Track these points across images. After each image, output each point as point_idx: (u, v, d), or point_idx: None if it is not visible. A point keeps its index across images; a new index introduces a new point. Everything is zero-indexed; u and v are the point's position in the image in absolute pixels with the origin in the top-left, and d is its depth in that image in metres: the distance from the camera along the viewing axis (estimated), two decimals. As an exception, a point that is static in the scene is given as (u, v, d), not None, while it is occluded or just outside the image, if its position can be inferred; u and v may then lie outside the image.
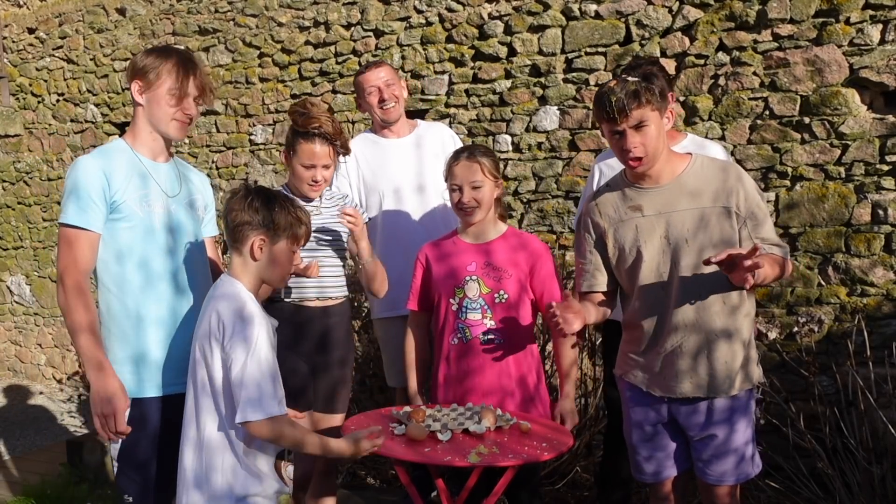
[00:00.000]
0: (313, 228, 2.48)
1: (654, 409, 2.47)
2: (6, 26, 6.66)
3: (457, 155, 2.76)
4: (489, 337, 2.67)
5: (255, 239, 2.15)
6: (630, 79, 2.33)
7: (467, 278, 2.71)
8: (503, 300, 2.67)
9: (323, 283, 2.82)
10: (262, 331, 2.09)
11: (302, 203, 2.32)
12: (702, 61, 3.93)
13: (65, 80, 6.38)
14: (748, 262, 2.11)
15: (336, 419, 2.89)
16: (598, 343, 3.91)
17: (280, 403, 2.09)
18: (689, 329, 2.36)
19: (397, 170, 3.37)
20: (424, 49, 4.73)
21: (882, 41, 3.53)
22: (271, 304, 2.70)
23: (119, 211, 2.30)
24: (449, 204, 2.86)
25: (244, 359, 2.04)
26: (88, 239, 2.27)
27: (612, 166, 3.01)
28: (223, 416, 2.12)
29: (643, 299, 2.43)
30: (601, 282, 2.51)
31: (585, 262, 2.53)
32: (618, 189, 2.47)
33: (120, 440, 2.28)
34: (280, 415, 2.07)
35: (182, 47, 5.60)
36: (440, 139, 3.47)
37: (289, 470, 2.28)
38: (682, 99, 3.99)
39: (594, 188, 3.06)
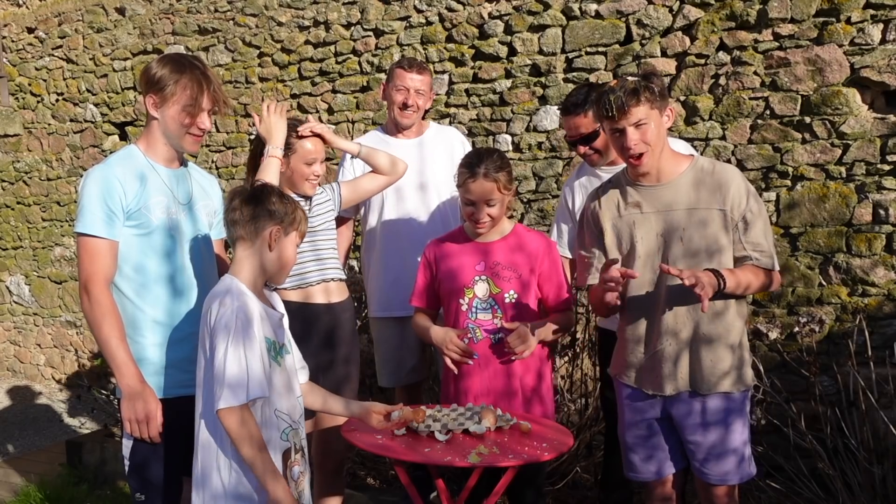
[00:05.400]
0: (312, 223, 2.78)
1: (649, 408, 2.50)
2: (5, 26, 6.65)
3: (472, 169, 2.62)
4: (500, 336, 2.66)
5: (272, 229, 2.19)
6: (630, 78, 2.38)
7: (476, 278, 2.71)
8: (513, 300, 2.68)
9: (324, 264, 2.93)
10: (244, 318, 2.07)
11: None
12: (702, 61, 3.92)
13: (64, 79, 6.37)
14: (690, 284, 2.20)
15: (338, 419, 2.88)
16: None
17: (251, 394, 2.04)
18: (677, 328, 2.40)
19: None
20: (424, 48, 4.73)
21: (883, 41, 3.52)
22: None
23: (133, 218, 2.33)
24: (453, 200, 2.86)
25: (224, 348, 2.04)
26: (108, 247, 2.29)
27: (585, 185, 3.02)
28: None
29: (635, 296, 2.47)
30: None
31: (588, 256, 2.58)
32: (619, 186, 2.52)
33: (132, 441, 2.31)
34: (247, 404, 2.04)
35: (184, 48, 5.61)
36: (449, 143, 3.48)
37: (294, 470, 2.24)
38: (682, 99, 3.99)
39: (569, 209, 3.08)
